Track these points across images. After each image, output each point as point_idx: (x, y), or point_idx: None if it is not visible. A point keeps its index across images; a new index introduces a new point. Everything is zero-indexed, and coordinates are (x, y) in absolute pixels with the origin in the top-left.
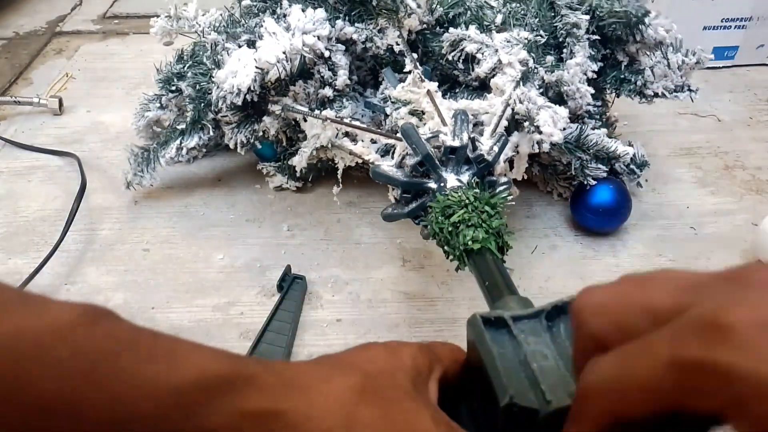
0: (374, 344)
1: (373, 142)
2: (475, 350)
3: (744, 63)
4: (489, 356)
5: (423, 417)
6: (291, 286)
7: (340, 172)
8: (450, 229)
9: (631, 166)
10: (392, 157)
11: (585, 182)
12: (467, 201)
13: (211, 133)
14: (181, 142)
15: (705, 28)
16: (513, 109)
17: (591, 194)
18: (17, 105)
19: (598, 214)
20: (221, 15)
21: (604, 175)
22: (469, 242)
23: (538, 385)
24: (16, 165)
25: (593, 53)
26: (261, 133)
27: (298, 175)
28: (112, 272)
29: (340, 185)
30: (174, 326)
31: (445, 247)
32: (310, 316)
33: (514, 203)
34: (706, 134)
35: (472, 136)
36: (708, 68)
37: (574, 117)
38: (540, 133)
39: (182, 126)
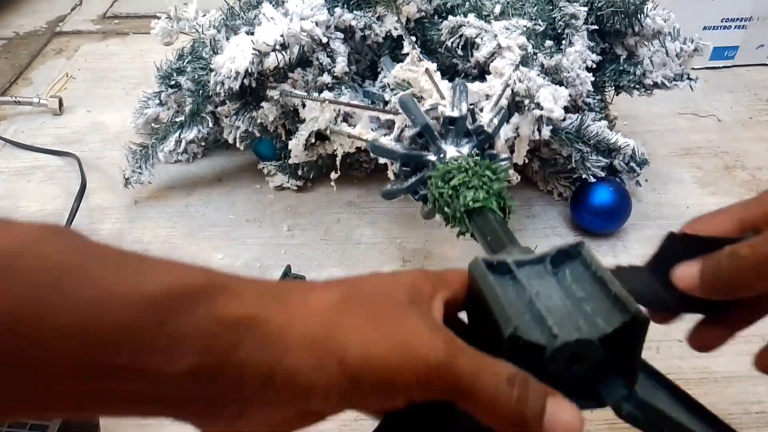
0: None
1: (372, 129)
2: (476, 293)
3: (744, 63)
4: (492, 292)
5: (417, 324)
6: None
7: (338, 158)
8: (450, 192)
9: (631, 164)
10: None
11: (585, 176)
12: (467, 166)
13: (210, 126)
14: (179, 135)
15: (705, 28)
16: (513, 90)
17: (591, 195)
18: (17, 105)
19: (598, 215)
20: (221, 12)
21: (602, 168)
22: (470, 203)
23: (544, 322)
24: (16, 165)
25: (592, 45)
26: (259, 122)
27: (299, 173)
28: None
29: (338, 172)
30: None
31: (446, 210)
32: None
33: (513, 184)
34: (706, 134)
35: (471, 107)
36: (708, 68)
37: (575, 108)
38: (540, 108)
39: (181, 118)
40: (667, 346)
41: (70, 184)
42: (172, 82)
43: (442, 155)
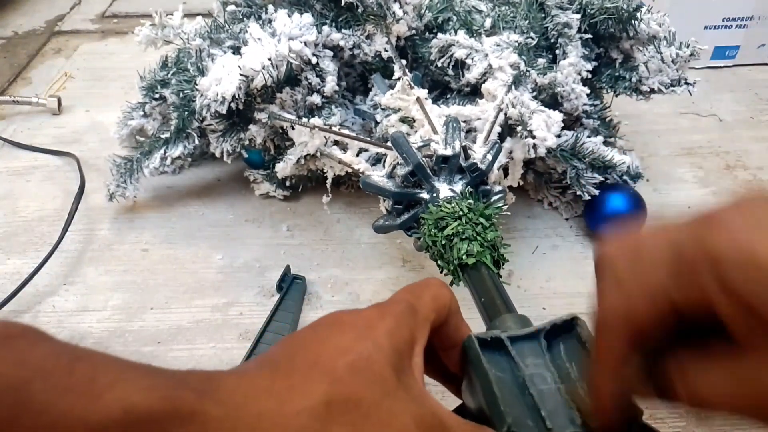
0: (341, 321)
1: (364, 150)
2: (470, 370)
3: (745, 62)
4: (486, 381)
5: (404, 422)
6: (290, 286)
7: (329, 181)
8: (443, 242)
9: (624, 177)
10: (383, 167)
11: (580, 193)
12: (461, 212)
13: (197, 142)
14: (165, 152)
15: (706, 27)
16: (506, 114)
17: (606, 203)
18: (16, 104)
19: (614, 223)
20: (206, 22)
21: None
22: (464, 256)
23: (538, 411)
24: (15, 165)
25: (587, 53)
26: (247, 142)
27: (287, 184)
28: (111, 272)
29: (329, 195)
30: (173, 326)
31: (439, 261)
32: (310, 317)
33: (508, 207)
34: (707, 134)
35: (464, 144)
36: (709, 68)
37: (572, 119)
38: (533, 137)
39: (166, 135)
40: None
41: (69, 184)
42: (156, 95)
43: (435, 194)
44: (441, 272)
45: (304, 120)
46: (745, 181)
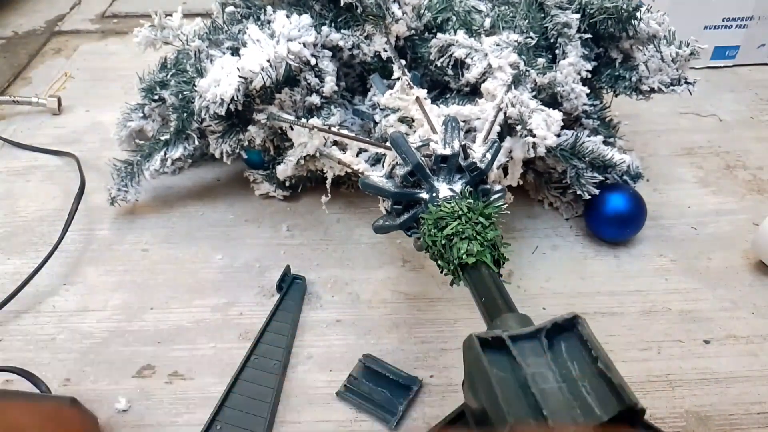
0: None
1: (364, 150)
2: (472, 370)
3: (745, 62)
4: (487, 381)
5: None
6: (290, 286)
7: (329, 182)
8: (443, 242)
9: (624, 177)
10: (382, 167)
11: (580, 192)
12: (461, 212)
13: (196, 143)
14: (165, 153)
15: (706, 27)
16: (505, 114)
17: (607, 205)
18: (16, 104)
19: (616, 225)
20: (205, 23)
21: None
22: (464, 256)
23: (540, 410)
24: (15, 165)
25: (586, 52)
26: (247, 143)
27: (287, 184)
28: (111, 272)
29: (329, 195)
30: (173, 326)
31: (439, 261)
32: (310, 317)
33: (508, 207)
34: (707, 134)
35: (463, 143)
36: (709, 68)
37: (572, 119)
38: (533, 136)
39: (166, 136)
40: (668, 346)
41: (69, 184)
42: (156, 96)
43: (434, 193)
44: (441, 272)
45: (303, 120)
46: (745, 181)
